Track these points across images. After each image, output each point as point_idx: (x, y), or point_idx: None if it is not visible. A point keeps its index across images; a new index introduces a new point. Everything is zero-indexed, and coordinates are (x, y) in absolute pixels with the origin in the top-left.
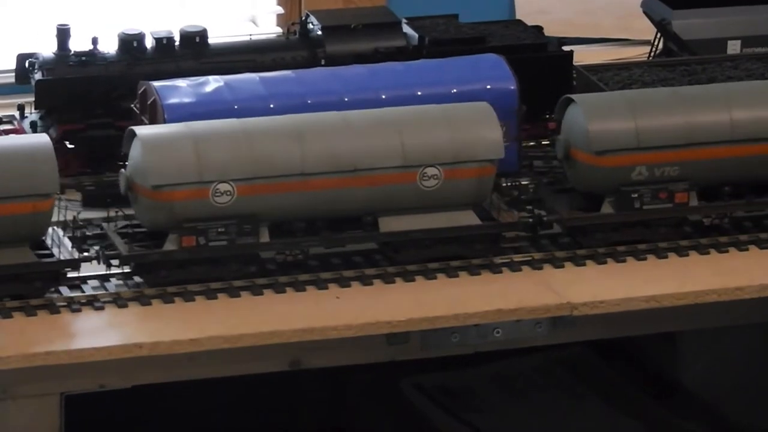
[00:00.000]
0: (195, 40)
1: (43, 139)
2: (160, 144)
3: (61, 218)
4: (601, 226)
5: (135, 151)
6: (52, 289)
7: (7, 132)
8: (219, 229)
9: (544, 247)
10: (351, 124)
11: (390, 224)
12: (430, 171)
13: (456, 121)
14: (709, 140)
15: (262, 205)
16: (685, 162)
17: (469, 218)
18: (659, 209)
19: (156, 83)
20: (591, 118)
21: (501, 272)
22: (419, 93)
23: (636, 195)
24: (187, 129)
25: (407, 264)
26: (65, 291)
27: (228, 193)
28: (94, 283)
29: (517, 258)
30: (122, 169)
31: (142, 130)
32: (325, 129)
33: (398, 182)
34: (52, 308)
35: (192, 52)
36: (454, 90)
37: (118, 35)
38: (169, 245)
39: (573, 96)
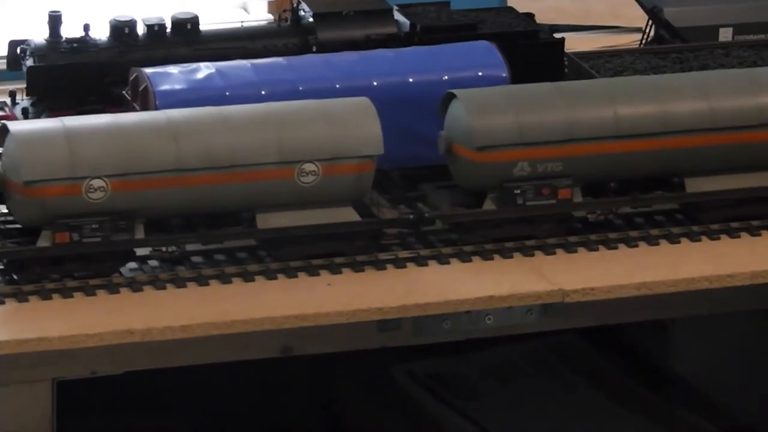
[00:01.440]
0: (186, 26)
1: None
2: (32, 139)
3: None
4: (483, 223)
5: (8, 147)
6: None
7: None
8: (93, 226)
9: (430, 244)
10: (228, 120)
11: (268, 221)
12: (308, 167)
13: (335, 117)
14: (592, 136)
15: (137, 201)
16: (568, 158)
17: (348, 215)
18: (542, 205)
19: (147, 70)
20: (472, 114)
21: (492, 259)
22: (410, 80)
23: (519, 191)
24: (60, 124)
25: (286, 261)
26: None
27: (102, 189)
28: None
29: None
30: None
31: (15, 126)
32: (202, 124)
33: (276, 178)
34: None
35: (183, 39)
36: (446, 77)
37: (110, 22)
38: (43, 241)
39: (455, 91)
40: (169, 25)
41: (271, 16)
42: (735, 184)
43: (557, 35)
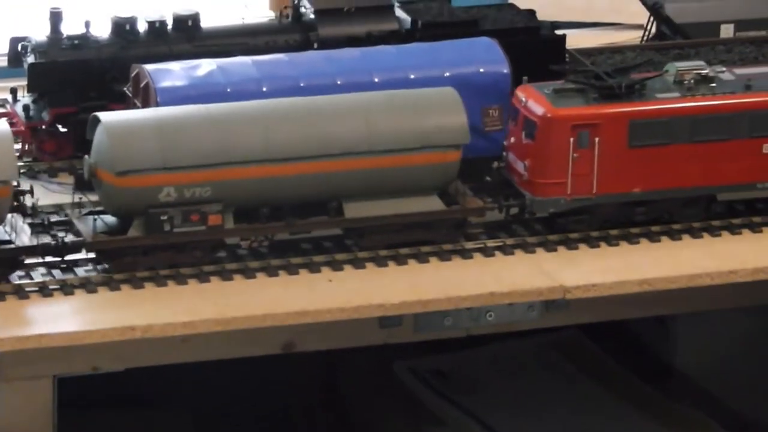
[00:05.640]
0: (187, 23)
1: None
2: None
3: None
4: (129, 250)
5: None
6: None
7: None
8: None
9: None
10: None
11: None
12: None
13: None
14: (240, 159)
15: None
16: (216, 182)
17: None
18: (191, 232)
19: (149, 66)
20: (113, 138)
21: (494, 255)
22: (412, 76)
23: (165, 217)
24: None
25: None
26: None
27: None
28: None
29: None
30: None
31: None
32: None
33: None
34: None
35: (185, 36)
36: (447, 73)
37: (111, 19)
38: None
39: (99, 114)
40: (170, 22)
41: (272, 13)
42: (396, 208)
43: (559, 32)
